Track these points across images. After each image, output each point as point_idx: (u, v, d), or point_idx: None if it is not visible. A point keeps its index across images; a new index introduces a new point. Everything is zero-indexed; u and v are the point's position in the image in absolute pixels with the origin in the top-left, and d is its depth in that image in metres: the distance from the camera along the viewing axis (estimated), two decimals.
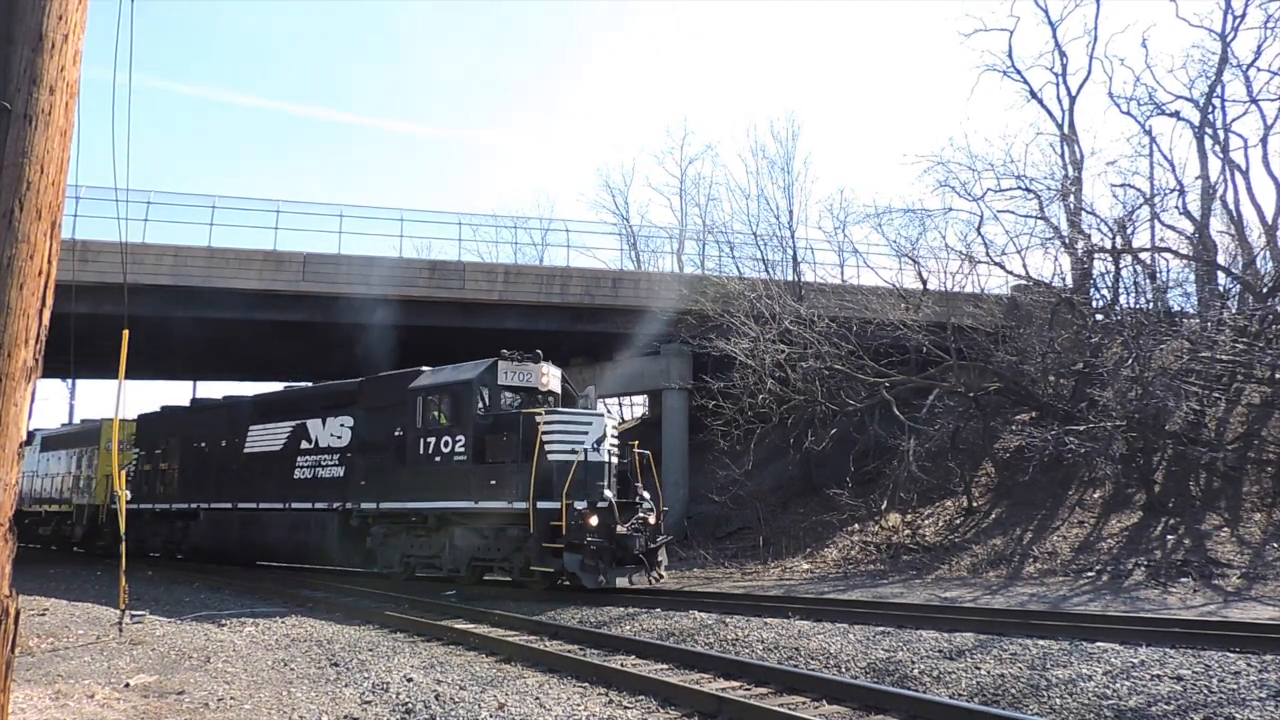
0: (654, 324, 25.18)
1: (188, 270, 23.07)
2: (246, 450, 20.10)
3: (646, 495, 15.15)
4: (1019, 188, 22.91)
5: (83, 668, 9.01)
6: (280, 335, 26.45)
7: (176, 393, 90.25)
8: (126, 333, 11.52)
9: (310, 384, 19.71)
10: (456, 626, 11.33)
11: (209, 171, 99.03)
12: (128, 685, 8.09)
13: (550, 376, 16.08)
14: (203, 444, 21.58)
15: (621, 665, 8.64)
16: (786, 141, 47.17)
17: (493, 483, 14.41)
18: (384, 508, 16.21)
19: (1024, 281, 23.15)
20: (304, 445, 18.45)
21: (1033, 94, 24.66)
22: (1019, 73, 24.74)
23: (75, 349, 12.86)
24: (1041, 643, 9.24)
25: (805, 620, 11.19)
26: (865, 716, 6.85)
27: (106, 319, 16.88)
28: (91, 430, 28.05)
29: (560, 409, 15.49)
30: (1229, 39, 20.84)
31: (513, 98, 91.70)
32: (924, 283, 23.52)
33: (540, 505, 13.86)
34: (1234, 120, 21.69)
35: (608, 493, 14.41)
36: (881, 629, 10.38)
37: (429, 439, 15.54)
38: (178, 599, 15.36)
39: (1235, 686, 7.28)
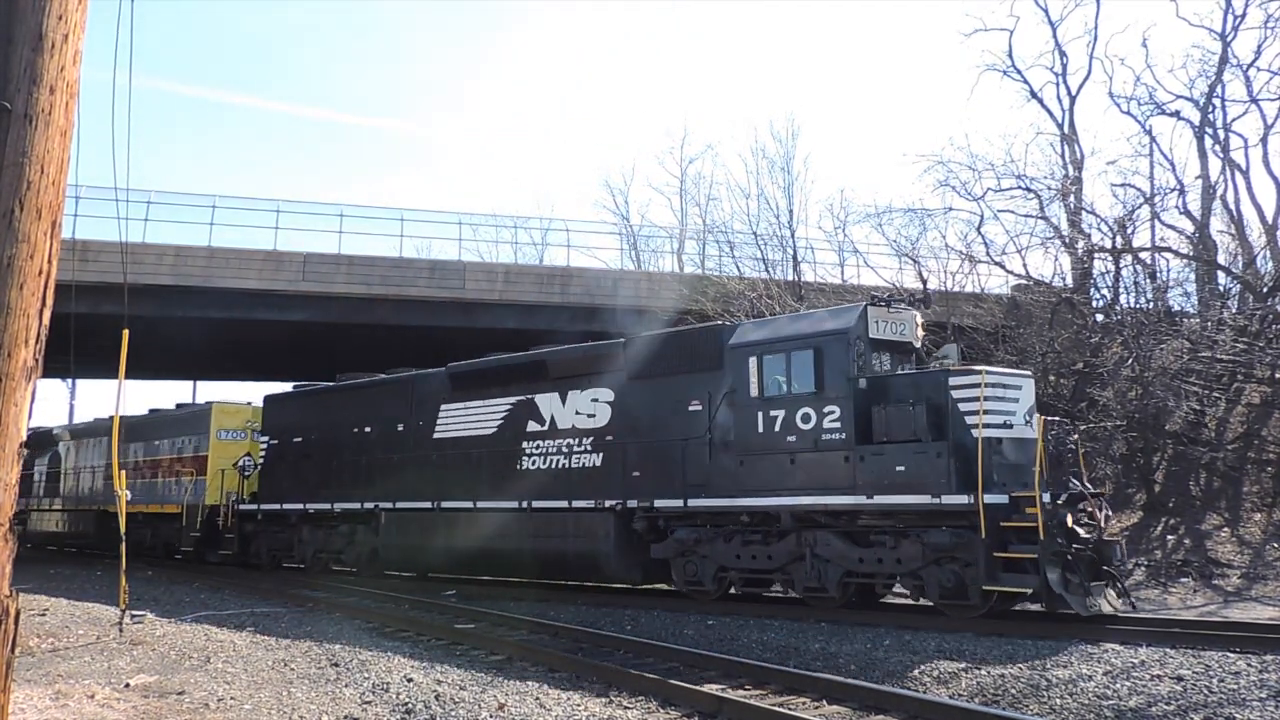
0: (654, 324, 25.18)
1: (188, 270, 23.08)
2: (439, 435, 16.07)
3: (1088, 484, 11.42)
4: (1019, 187, 22.93)
5: (83, 668, 9.01)
6: (280, 335, 26.46)
7: (176, 392, 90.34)
8: (126, 333, 11.52)
9: (539, 350, 15.58)
10: (456, 626, 11.33)
11: (209, 171, 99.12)
12: (128, 685, 8.09)
13: (920, 330, 12.49)
14: (367, 429, 17.42)
15: (621, 665, 8.64)
16: (786, 141, 47.15)
17: (899, 469, 10.61)
18: (696, 505, 12.37)
19: (1024, 281, 23.15)
20: (533, 427, 14.60)
21: (1033, 94, 24.67)
22: (1019, 73, 24.75)
23: (75, 349, 12.86)
24: (1041, 642, 9.25)
25: None
26: (865, 716, 6.85)
27: (106, 319, 16.90)
28: (195, 415, 23.41)
29: (990, 368, 11.76)
30: (1229, 39, 20.85)
31: (513, 98, 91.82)
32: (924, 282, 23.53)
33: (988, 499, 10.11)
34: (1234, 120, 21.70)
35: (1076, 481, 10.98)
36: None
37: (771, 412, 11.68)
38: (178, 599, 15.36)
39: (1235, 687, 7.28)
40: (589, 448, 13.86)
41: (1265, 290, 20.06)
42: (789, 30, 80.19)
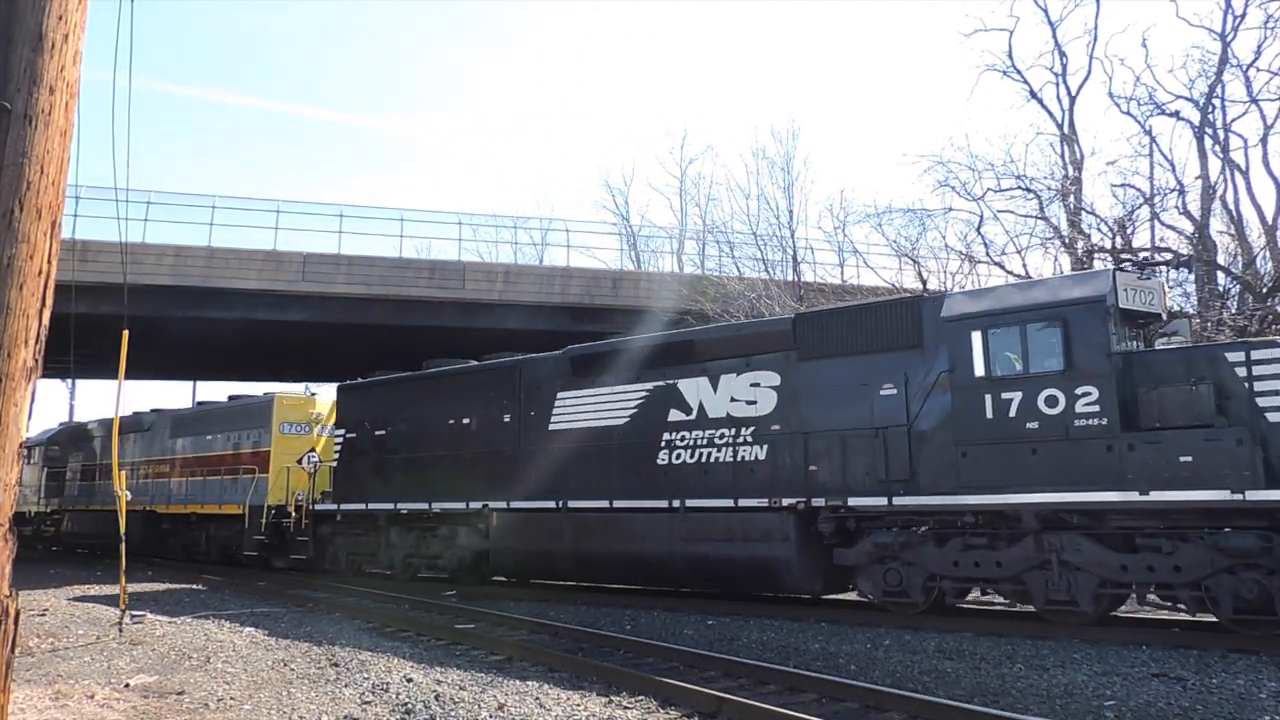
0: (654, 324, 25.21)
1: (188, 270, 23.09)
2: (555, 426, 14.46)
3: None
4: (1019, 188, 22.92)
5: (83, 668, 9.01)
6: (280, 335, 26.46)
7: (176, 393, 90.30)
8: (126, 333, 11.54)
9: (682, 329, 14.21)
10: (456, 626, 11.33)
11: (209, 172, 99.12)
12: (128, 685, 8.09)
13: (1167, 300, 11.01)
14: (466, 420, 15.80)
15: (621, 665, 8.64)
16: (786, 141, 47.32)
17: (1184, 459, 8.96)
18: (905, 504, 10.70)
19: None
20: (676, 416, 13.00)
21: (1033, 94, 24.64)
22: (1019, 73, 24.72)
23: (75, 349, 12.88)
24: (1042, 642, 9.26)
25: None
26: (865, 716, 6.85)
27: (106, 319, 16.90)
28: (254, 408, 21.47)
29: None
30: (1229, 39, 20.82)
31: (513, 98, 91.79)
32: (924, 283, 23.52)
33: None
34: (1234, 120, 21.64)
35: None
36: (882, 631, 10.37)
37: (1004, 395, 10.05)
38: (178, 599, 15.36)
39: (1237, 686, 7.28)
40: (749, 439, 12.17)
41: (1265, 291, 20.04)
42: (789, 31, 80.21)
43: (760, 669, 8.22)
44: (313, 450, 19.65)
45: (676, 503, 12.62)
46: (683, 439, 12.91)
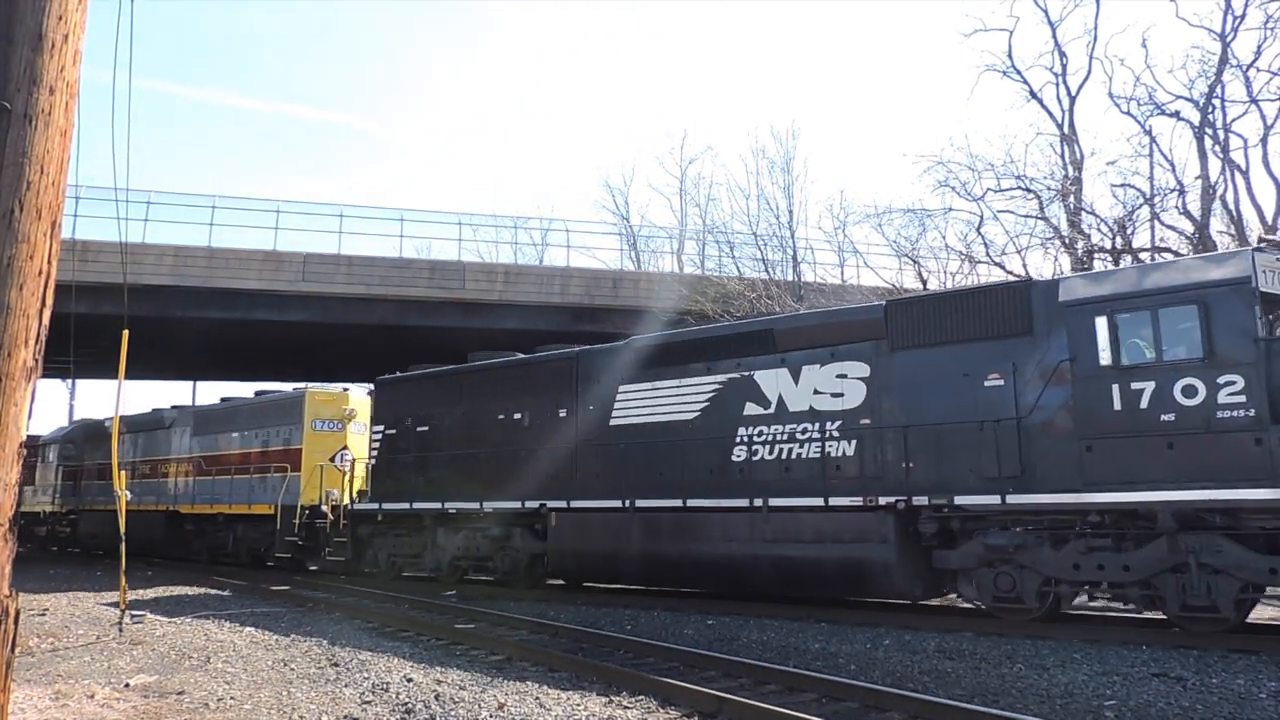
0: (654, 324, 25.23)
1: (188, 270, 23.12)
2: (618, 421, 13.69)
3: None
4: (1019, 188, 22.94)
5: (83, 668, 9.01)
6: (280, 335, 26.48)
7: (176, 393, 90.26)
8: (126, 333, 11.55)
9: (760, 318, 13.57)
10: (456, 626, 11.34)
11: (209, 172, 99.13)
12: (128, 685, 8.09)
13: None
14: (517, 415, 15.03)
15: (621, 665, 8.64)
16: (786, 141, 47.25)
17: None
18: (1022, 502, 9.89)
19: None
20: (752, 410, 12.26)
21: (1033, 94, 24.65)
22: (1019, 73, 24.73)
23: (75, 349, 12.88)
24: (1041, 642, 9.26)
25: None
26: (865, 716, 6.85)
27: (106, 319, 16.92)
28: (285, 403, 20.39)
29: None
30: (1229, 39, 20.82)
31: (513, 99, 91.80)
32: (924, 283, 23.53)
33: None
34: (1234, 120, 21.65)
35: None
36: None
37: (1133, 385, 9.39)
38: (178, 599, 15.36)
39: (1237, 686, 7.28)
40: (836, 434, 11.44)
41: None
42: (789, 31, 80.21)
43: (760, 669, 8.22)
44: (345, 448, 18.95)
45: (759, 502, 11.77)
46: (760, 434, 12.11)
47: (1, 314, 3.61)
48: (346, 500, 18.10)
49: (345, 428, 19.55)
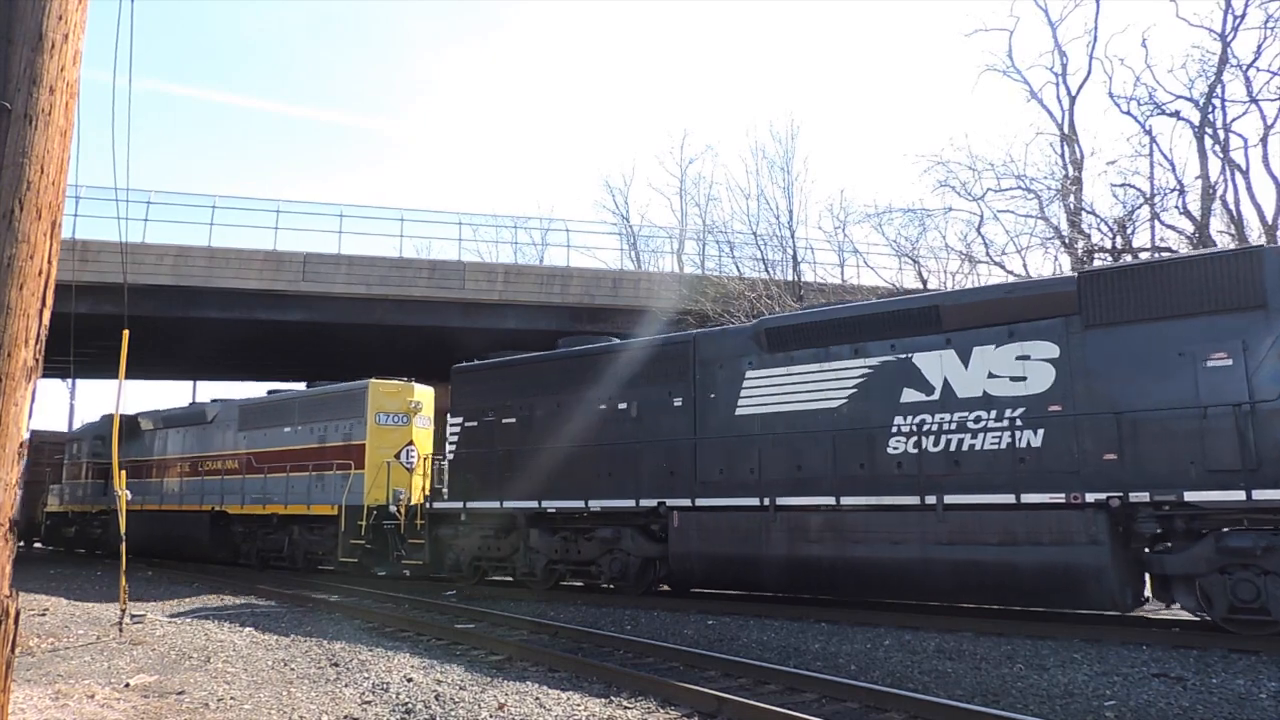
0: (654, 324, 25.26)
1: (188, 270, 23.13)
2: (744, 410, 12.51)
3: None
4: (1019, 188, 23.00)
5: (83, 668, 9.01)
6: (280, 335, 26.48)
7: (176, 393, 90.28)
8: (126, 333, 11.55)
9: (919, 293, 12.35)
10: (456, 626, 11.33)
11: (209, 172, 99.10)
12: (128, 685, 8.09)
13: None
14: (623, 405, 13.82)
15: (621, 665, 8.64)
16: (786, 141, 47.31)
17: None
18: (1269, 498, 8.62)
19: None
20: (911, 397, 11.08)
21: (1033, 94, 24.70)
22: (1019, 73, 24.85)
23: (75, 349, 12.89)
24: (1041, 642, 9.25)
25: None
26: (865, 716, 6.85)
27: (106, 319, 16.93)
28: (345, 396, 18.87)
29: None
30: (1229, 39, 20.86)
31: (514, 99, 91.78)
32: (924, 283, 23.54)
33: None
34: (1234, 120, 21.70)
35: None
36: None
37: None
38: (178, 599, 15.36)
39: (1237, 686, 7.28)
40: (1019, 422, 10.26)
41: None
42: (789, 31, 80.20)
43: (760, 669, 8.22)
44: (411, 444, 17.92)
45: (930, 499, 10.49)
46: (922, 424, 10.92)
47: (1, 314, 3.61)
48: (416, 499, 17.18)
49: (410, 421, 18.35)
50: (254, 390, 28.48)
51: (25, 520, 29.46)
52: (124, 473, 13.27)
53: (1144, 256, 21.97)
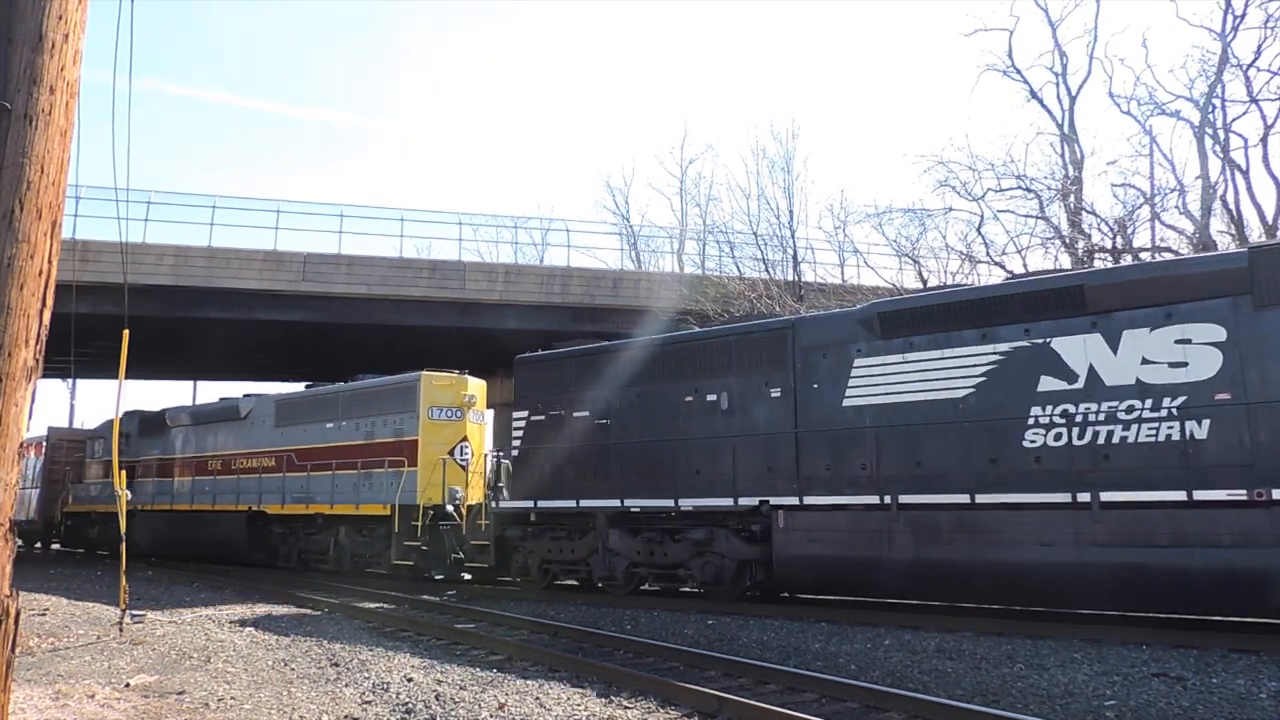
0: (655, 324, 25.25)
1: (188, 270, 23.14)
2: (852, 401, 11.60)
3: None
4: (1019, 188, 22.99)
5: (83, 668, 9.01)
6: (280, 335, 26.49)
7: (176, 393, 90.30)
8: (127, 333, 11.55)
9: (1061, 271, 11.82)
10: (456, 626, 11.34)
11: (209, 172, 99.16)
12: (128, 685, 8.09)
13: None
14: (712, 397, 12.91)
15: (621, 665, 8.64)
16: (786, 141, 47.21)
17: None
18: None
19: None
20: (1050, 385, 10.16)
21: (1033, 94, 24.69)
22: (1019, 73, 24.79)
23: (75, 349, 12.90)
24: (1041, 642, 9.26)
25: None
26: (866, 716, 6.86)
27: (106, 319, 16.92)
28: (396, 389, 17.95)
29: None
30: (1229, 39, 20.85)
31: (514, 99, 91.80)
32: (924, 283, 23.55)
33: None
34: (1234, 120, 21.69)
35: None
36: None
37: None
38: (178, 599, 15.36)
39: (1237, 686, 7.28)
40: (1179, 412, 9.39)
41: None
42: (789, 30, 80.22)
43: (760, 669, 8.22)
44: (465, 440, 17.02)
45: (1084, 497, 9.56)
46: (1064, 414, 10.01)
47: (2, 314, 3.61)
48: (474, 498, 16.53)
49: (465, 416, 17.42)
50: (256, 390, 28.40)
51: (44, 520, 29.13)
52: (124, 473, 13.24)
53: (1144, 257, 22.00)
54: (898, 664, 8.60)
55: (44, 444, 29.50)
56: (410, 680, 8.09)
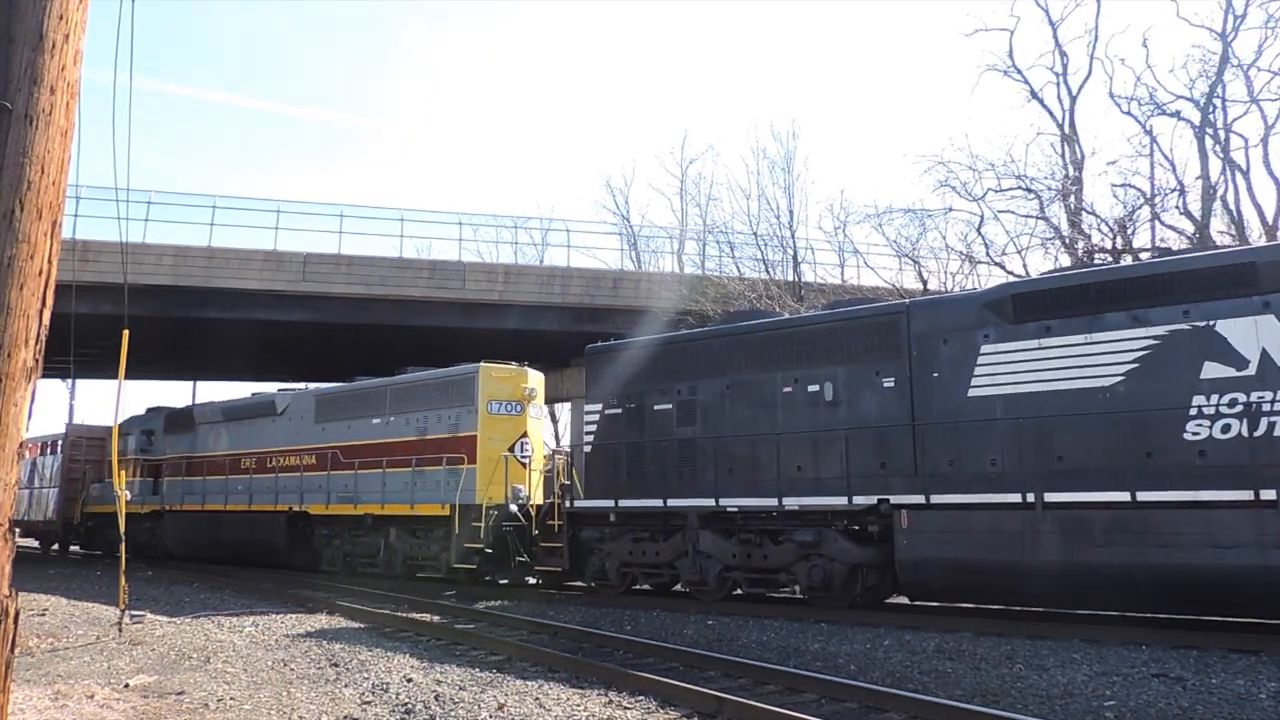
0: (655, 324, 25.24)
1: (188, 270, 23.13)
2: (979, 391, 10.73)
3: None
4: (1019, 188, 22.99)
5: (83, 668, 9.01)
6: (280, 335, 26.49)
7: (176, 393, 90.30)
8: (126, 333, 11.54)
9: (1223, 249, 11.18)
10: (456, 626, 11.33)
11: (209, 172, 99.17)
12: (128, 685, 8.09)
13: None
14: (814, 387, 12.01)
15: (621, 665, 8.64)
16: (787, 141, 47.31)
17: None
18: None
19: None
20: (1214, 372, 9.39)
21: (1033, 94, 24.69)
22: (1019, 73, 24.79)
23: (75, 349, 12.90)
24: (1041, 642, 9.26)
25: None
26: (866, 716, 6.86)
27: (106, 319, 16.93)
28: (446, 383, 17.10)
29: None
30: (1229, 39, 20.87)
31: (513, 99, 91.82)
32: (924, 283, 23.54)
33: None
34: (1234, 120, 21.71)
35: None
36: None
37: None
38: (178, 599, 15.36)
39: (1237, 687, 7.29)
40: None
41: None
42: (789, 31, 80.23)
43: (760, 669, 8.22)
44: (525, 436, 16.18)
45: (1268, 494, 8.64)
46: (1232, 404, 9.16)
47: (1, 314, 3.61)
48: (538, 498, 15.93)
49: (525, 410, 16.49)
50: (253, 390, 28.33)
51: (62, 521, 27.79)
52: (124, 473, 13.16)
53: (1144, 258, 22.00)
54: (897, 664, 8.60)
55: (62, 442, 28.40)
56: (410, 680, 8.09)
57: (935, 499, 10.68)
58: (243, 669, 8.82)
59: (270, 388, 22.99)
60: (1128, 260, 21.65)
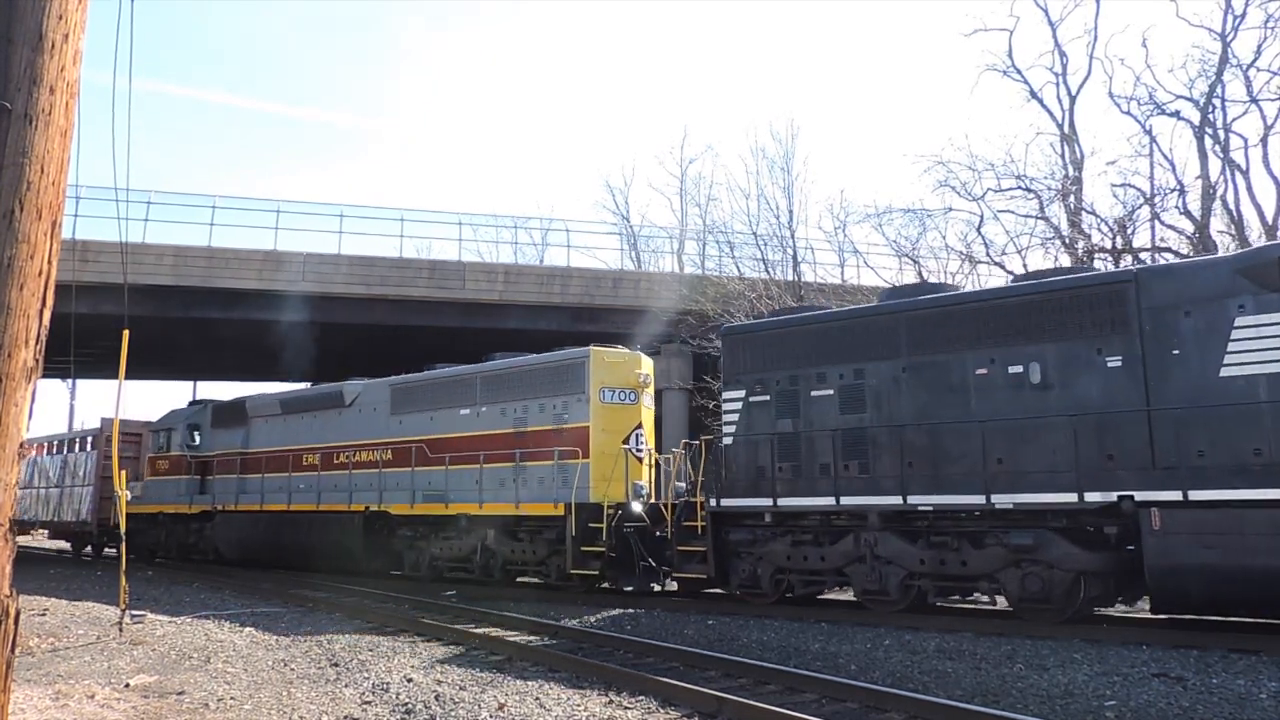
0: (654, 324, 25.23)
1: (188, 270, 23.13)
2: (1232, 370, 9.22)
3: None
4: (1019, 188, 22.99)
5: (83, 668, 9.01)
6: (280, 335, 26.49)
7: (176, 393, 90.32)
8: (126, 333, 11.54)
9: None
10: (456, 626, 11.33)
11: (209, 172, 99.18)
12: (128, 685, 8.09)
13: None
14: (1016, 368, 10.49)
15: (621, 665, 8.64)
16: (786, 141, 47.22)
17: None
18: None
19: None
20: None
21: (1033, 94, 24.68)
22: (1019, 73, 24.77)
23: (75, 349, 12.89)
24: (1042, 642, 9.25)
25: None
26: (866, 716, 6.85)
27: (106, 319, 16.92)
28: (551, 369, 15.44)
29: None
30: (1229, 39, 20.85)
31: (513, 99, 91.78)
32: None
33: None
34: (1234, 120, 21.68)
35: None
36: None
37: None
38: (178, 599, 15.36)
39: (1237, 687, 7.28)
40: None
41: None
42: (789, 30, 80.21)
43: (760, 669, 8.22)
44: (640, 427, 14.66)
45: None
46: None
47: (2, 314, 3.61)
48: (658, 496, 14.40)
49: (639, 399, 14.89)
50: (255, 390, 28.26)
51: (97, 523, 25.32)
52: (124, 473, 13.11)
53: (1144, 257, 22.00)
54: (898, 664, 8.60)
55: (98, 437, 26.15)
56: (410, 680, 8.09)
57: (1194, 495, 9.03)
58: (243, 669, 8.82)
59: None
60: (1127, 261, 21.69)
